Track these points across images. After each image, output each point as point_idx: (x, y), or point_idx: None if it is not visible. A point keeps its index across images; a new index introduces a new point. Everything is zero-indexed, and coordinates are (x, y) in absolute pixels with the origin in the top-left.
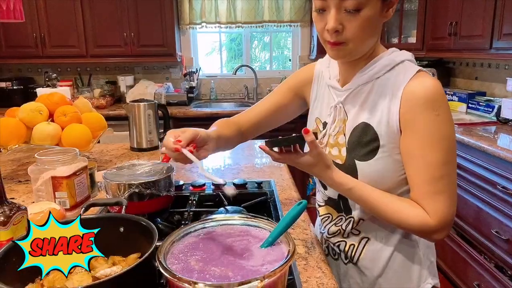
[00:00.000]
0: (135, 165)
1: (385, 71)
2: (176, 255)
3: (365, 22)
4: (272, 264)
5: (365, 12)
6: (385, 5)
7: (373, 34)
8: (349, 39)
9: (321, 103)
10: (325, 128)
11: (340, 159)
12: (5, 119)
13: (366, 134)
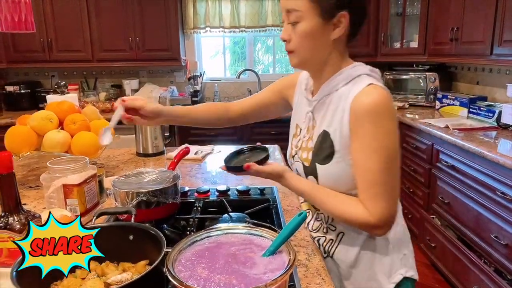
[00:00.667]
0: (142, 173)
1: (343, 84)
2: (183, 263)
3: (303, 34)
4: (273, 273)
5: (302, 26)
6: (329, 24)
7: (317, 47)
8: (293, 49)
9: (300, 110)
10: (300, 133)
11: (307, 162)
12: (17, 127)
13: (325, 141)
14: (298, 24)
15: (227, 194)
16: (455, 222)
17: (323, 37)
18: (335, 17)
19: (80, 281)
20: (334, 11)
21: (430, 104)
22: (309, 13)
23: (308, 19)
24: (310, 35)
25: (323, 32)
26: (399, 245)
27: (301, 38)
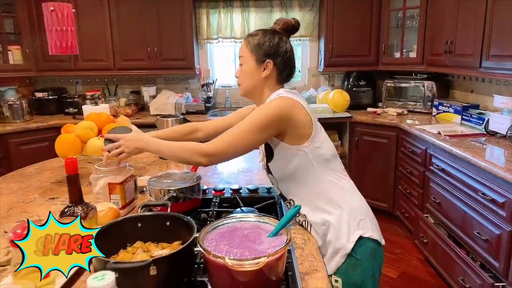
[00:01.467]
0: (170, 174)
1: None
2: (209, 241)
3: (245, 72)
4: (275, 248)
5: (245, 66)
6: (260, 67)
7: (253, 82)
8: (240, 83)
9: None
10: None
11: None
12: (65, 135)
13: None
14: (243, 65)
15: (239, 192)
16: (445, 220)
17: (257, 75)
18: (263, 63)
19: (131, 255)
20: (263, 58)
21: (427, 111)
22: (249, 58)
23: (248, 62)
24: (249, 73)
25: (257, 72)
26: (354, 213)
27: (244, 75)
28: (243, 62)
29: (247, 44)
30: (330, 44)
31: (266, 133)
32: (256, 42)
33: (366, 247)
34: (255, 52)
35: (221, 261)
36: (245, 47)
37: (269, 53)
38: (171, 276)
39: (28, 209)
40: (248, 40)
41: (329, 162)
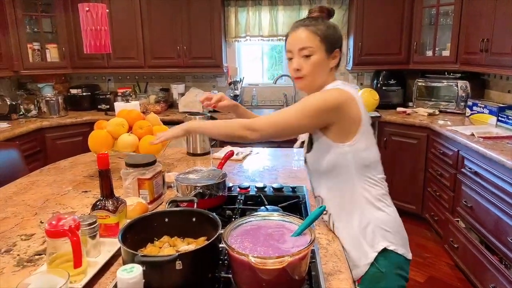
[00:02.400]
0: (197, 170)
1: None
2: (234, 238)
3: (315, 64)
4: (299, 247)
5: (314, 57)
6: (330, 56)
7: (322, 72)
8: (305, 74)
9: None
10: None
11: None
12: (98, 131)
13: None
14: (311, 57)
15: (264, 190)
16: (477, 225)
17: (326, 64)
18: (333, 52)
19: (158, 249)
20: (333, 48)
21: (460, 111)
22: (319, 48)
23: (318, 53)
24: (321, 64)
25: (326, 62)
26: (381, 224)
27: (313, 67)
28: (312, 53)
29: (314, 34)
30: (360, 42)
31: (316, 120)
32: (325, 31)
33: (391, 261)
34: (326, 41)
35: (245, 258)
36: (313, 37)
37: (337, 42)
38: (196, 271)
39: (62, 201)
40: (313, 29)
41: (368, 168)
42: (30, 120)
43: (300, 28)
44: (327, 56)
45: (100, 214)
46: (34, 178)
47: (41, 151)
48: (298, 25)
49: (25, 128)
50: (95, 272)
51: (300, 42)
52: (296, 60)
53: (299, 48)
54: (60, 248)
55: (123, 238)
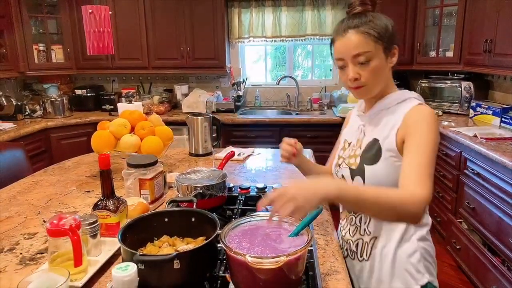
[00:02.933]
0: (197, 171)
1: (395, 103)
2: (232, 238)
3: (375, 70)
4: (296, 247)
5: (374, 62)
6: (388, 55)
7: (384, 77)
8: (366, 83)
9: (350, 128)
10: (350, 146)
11: (354, 165)
12: (100, 132)
13: (374, 146)
14: (369, 62)
15: (264, 191)
16: (480, 226)
17: (386, 68)
18: (391, 49)
19: (158, 248)
20: (390, 46)
21: (464, 112)
22: (377, 51)
23: (377, 56)
24: (380, 69)
25: (386, 64)
26: (427, 254)
27: (374, 73)
28: (369, 58)
29: (367, 35)
30: None
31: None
32: (378, 28)
33: None
34: (382, 39)
35: (242, 258)
36: (366, 39)
37: (393, 36)
38: (194, 270)
39: (65, 201)
40: (365, 29)
41: None
42: (35, 120)
43: (348, 32)
44: (386, 56)
45: (101, 213)
46: (38, 178)
47: (46, 151)
48: (345, 28)
49: (30, 128)
50: (95, 271)
51: (353, 48)
52: (351, 69)
53: (353, 55)
54: (62, 247)
55: (122, 237)
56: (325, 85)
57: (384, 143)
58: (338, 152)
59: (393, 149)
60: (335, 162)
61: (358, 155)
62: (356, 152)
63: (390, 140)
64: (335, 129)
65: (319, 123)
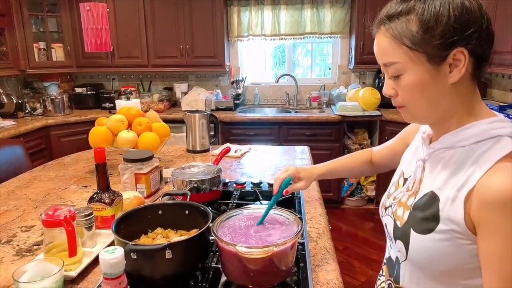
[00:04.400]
0: (193, 166)
1: (472, 142)
2: (224, 230)
3: (410, 87)
4: (285, 238)
5: (407, 78)
6: (441, 67)
7: (432, 98)
8: (403, 103)
9: (410, 154)
10: (404, 185)
11: (400, 222)
12: (97, 128)
13: (430, 206)
14: (401, 77)
15: (259, 186)
16: None
17: (438, 84)
18: (448, 57)
19: (151, 240)
20: (444, 52)
21: None
22: (411, 62)
23: (412, 69)
24: (420, 87)
25: (435, 79)
26: None
27: (409, 92)
28: (399, 71)
29: (395, 40)
30: (361, 41)
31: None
32: (418, 25)
33: None
34: (423, 44)
35: (232, 248)
36: (393, 45)
37: (455, 34)
38: (186, 260)
39: (63, 195)
40: (394, 31)
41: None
42: (36, 118)
43: (380, 29)
44: (434, 68)
45: (97, 206)
46: (36, 173)
47: (46, 149)
48: (376, 23)
49: (31, 126)
50: (89, 262)
51: (379, 55)
52: (386, 82)
53: (382, 64)
54: (57, 237)
55: (116, 228)
56: (324, 84)
57: (446, 207)
58: (390, 186)
59: (458, 223)
60: (383, 201)
61: (409, 207)
62: (408, 202)
63: (455, 207)
64: (334, 127)
65: (318, 121)
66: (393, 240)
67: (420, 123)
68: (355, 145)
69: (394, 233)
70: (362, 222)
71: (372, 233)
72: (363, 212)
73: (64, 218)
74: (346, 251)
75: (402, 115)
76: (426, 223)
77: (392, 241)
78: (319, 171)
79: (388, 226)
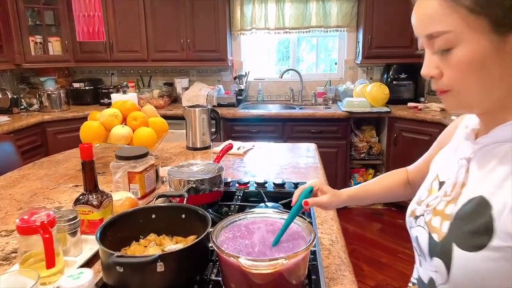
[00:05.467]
0: (192, 164)
1: None
2: (225, 237)
3: (462, 65)
4: (296, 249)
5: (459, 52)
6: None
7: (491, 78)
8: (450, 86)
9: (449, 154)
10: (440, 190)
11: (438, 235)
12: (90, 123)
13: (479, 215)
14: (452, 51)
15: (264, 186)
16: None
17: (502, 62)
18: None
19: (143, 248)
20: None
21: None
22: (469, 31)
23: (470, 40)
24: (477, 64)
25: (500, 54)
26: None
27: (461, 71)
28: (451, 43)
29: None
30: (369, 35)
31: None
32: None
33: None
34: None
35: (235, 260)
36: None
37: None
38: (180, 274)
39: (51, 195)
40: None
41: None
42: (31, 114)
43: None
44: (500, 39)
45: (83, 209)
46: (25, 172)
47: (42, 146)
48: None
49: (25, 122)
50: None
51: (425, 23)
52: (426, 59)
53: (426, 36)
54: (34, 246)
55: (102, 235)
56: (330, 79)
57: (503, 217)
58: (421, 190)
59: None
60: (411, 208)
61: (448, 216)
62: (446, 210)
63: None
64: (340, 124)
65: (324, 117)
66: (428, 258)
67: (467, 112)
68: (362, 142)
69: (429, 249)
70: (370, 223)
71: (381, 235)
72: (370, 212)
73: (41, 224)
74: (353, 253)
75: (445, 102)
76: (475, 238)
77: (425, 258)
78: (348, 193)
79: (420, 240)
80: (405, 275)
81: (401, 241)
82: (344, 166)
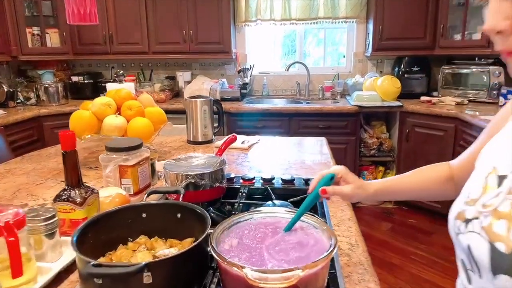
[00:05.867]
0: (191, 157)
1: None
2: (227, 242)
3: None
4: (316, 255)
5: None
6: None
7: None
8: None
9: (507, 141)
10: (501, 186)
11: (505, 244)
12: (80, 112)
13: None
14: None
15: (271, 183)
16: None
17: None
18: None
19: (131, 252)
20: None
21: (493, 101)
22: None
23: None
24: None
25: None
26: None
27: None
28: None
29: None
30: (380, 26)
31: None
32: None
33: None
34: None
35: (239, 272)
36: None
37: None
38: (174, 285)
39: (35, 192)
40: None
41: None
42: (28, 108)
43: None
44: None
45: (64, 207)
46: (12, 166)
47: (38, 140)
48: None
49: (21, 116)
50: (48, 281)
51: None
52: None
53: None
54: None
55: (81, 238)
56: (338, 72)
57: None
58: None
59: None
60: (458, 210)
61: None
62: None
63: None
64: (350, 119)
65: (332, 112)
66: (488, 274)
67: None
68: (373, 138)
69: (492, 263)
70: (379, 223)
71: (391, 235)
72: (380, 211)
73: (5, 225)
74: None
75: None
76: None
77: (479, 275)
78: (377, 186)
79: (476, 250)
80: (419, 279)
81: (413, 241)
82: (353, 163)
